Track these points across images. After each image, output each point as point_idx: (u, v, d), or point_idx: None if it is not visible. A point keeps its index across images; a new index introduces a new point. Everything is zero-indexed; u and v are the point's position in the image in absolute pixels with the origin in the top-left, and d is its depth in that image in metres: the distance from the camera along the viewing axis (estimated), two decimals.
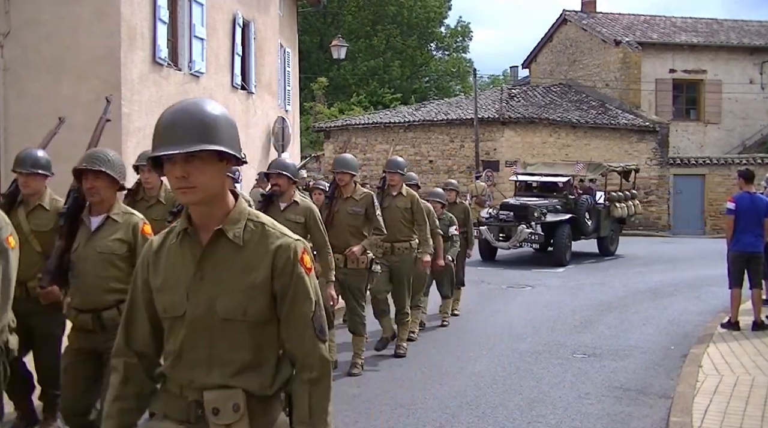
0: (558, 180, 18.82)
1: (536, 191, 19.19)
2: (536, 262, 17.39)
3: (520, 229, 16.67)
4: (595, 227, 18.16)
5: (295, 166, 7.28)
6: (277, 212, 6.45)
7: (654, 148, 29.13)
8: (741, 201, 9.46)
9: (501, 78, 53.88)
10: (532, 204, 17.31)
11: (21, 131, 10.19)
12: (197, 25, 12.18)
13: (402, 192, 8.27)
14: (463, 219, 10.49)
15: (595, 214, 18.12)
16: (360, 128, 31.00)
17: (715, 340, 8.92)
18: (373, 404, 6.63)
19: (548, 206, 17.44)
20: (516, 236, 16.82)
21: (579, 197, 18.15)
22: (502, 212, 17.52)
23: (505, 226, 17.21)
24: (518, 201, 17.82)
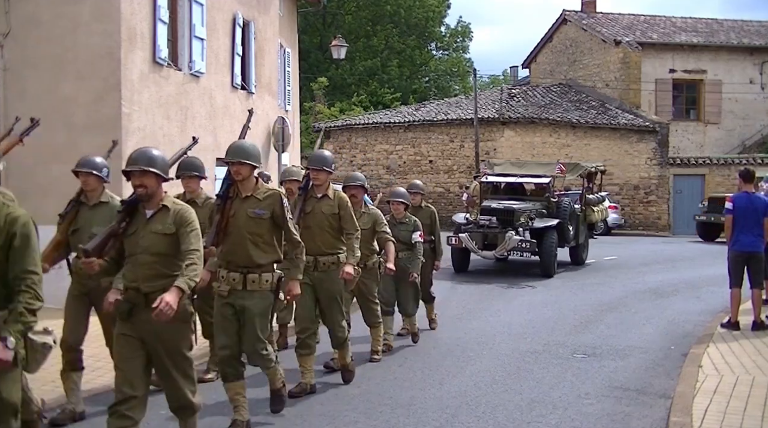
0: (539, 181, 16.95)
1: (513, 194, 17.16)
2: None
3: (508, 236, 14.68)
4: (575, 233, 16.51)
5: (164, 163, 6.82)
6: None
7: (654, 148, 29.13)
8: (738, 201, 9.46)
9: (501, 78, 53.90)
10: (518, 208, 15.48)
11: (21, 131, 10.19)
12: (197, 25, 12.17)
13: (328, 194, 6.86)
14: (429, 226, 9.32)
15: (574, 219, 16.46)
16: (360, 128, 31.01)
17: (715, 340, 8.92)
18: (373, 404, 6.63)
19: (532, 210, 15.64)
20: (503, 244, 14.76)
21: (561, 200, 16.44)
22: (483, 217, 15.45)
23: (490, 233, 15.09)
24: (501, 204, 15.73)
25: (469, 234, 15.11)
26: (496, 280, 14.74)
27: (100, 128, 10.06)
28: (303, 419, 6.20)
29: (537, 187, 17.16)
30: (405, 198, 8.84)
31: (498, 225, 15.11)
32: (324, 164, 6.82)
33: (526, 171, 17.41)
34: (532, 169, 17.67)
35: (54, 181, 10.08)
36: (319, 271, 6.80)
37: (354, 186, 7.79)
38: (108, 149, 6.68)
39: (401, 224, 8.71)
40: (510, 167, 18.09)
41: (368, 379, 7.46)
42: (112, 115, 10.06)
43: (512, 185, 17.31)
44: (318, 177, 6.80)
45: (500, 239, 14.85)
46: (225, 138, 13.51)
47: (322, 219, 6.79)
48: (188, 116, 12.02)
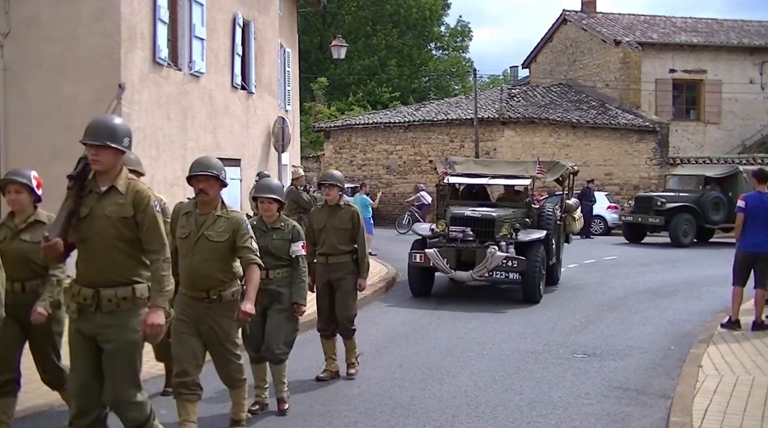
0: (518, 183, 13.89)
1: (474, 199, 14.01)
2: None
3: (490, 252, 11.67)
4: (557, 247, 13.82)
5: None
6: None
7: (654, 148, 29.14)
8: (750, 200, 9.37)
9: (501, 78, 53.94)
10: (499, 216, 12.35)
11: (21, 131, 10.20)
12: (197, 25, 12.17)
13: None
14: (350, 231, 7.33)
15: (555, 230, 13.63)
16: (360, 128, 31.02)
17: (715, 340, 8.92)
18: (373, 404, 6.63)
19: (514, 219, 12.72)
20: (485, 262, 11.69)
21: (544, 207, 13.73)
22: (454, 228, 12.30)
23: (466, 248, 12.02)
24: (478, 212, 12.49)
25: (438, 250, 12.01)
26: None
27: None
28: (303, 419, 6.20)
29: (511, 191, 14.32)
30: (275, 193, 6.34)
31: (475, 238, 12.17)
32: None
33: (492, 171, 14.26)
34: (501, 168, 14.56)
35: (54, 181, 10.06)
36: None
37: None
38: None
39: (274, 231, 6.35)
40: (474, 166, 14.77)
41: (368, 379, 7.46)
42: (111, 115, 10.05)
43: (473, 188, 14.35)
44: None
45: (479, 256, 11.80)
46: (225, 138, 13.52)
47: None
48: (188, 116, 12.02)
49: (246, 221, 5.41)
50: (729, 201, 21.48)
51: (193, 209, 5.37)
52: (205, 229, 5.25)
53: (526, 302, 11.98)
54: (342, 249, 7.36)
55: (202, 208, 5.34)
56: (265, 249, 6.07)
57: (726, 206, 21.53)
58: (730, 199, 21.54)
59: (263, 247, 6.02)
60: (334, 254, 7.37)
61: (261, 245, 5.87)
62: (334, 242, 7.35)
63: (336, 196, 7.40)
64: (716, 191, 21.93)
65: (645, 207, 22.19)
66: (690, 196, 22.04)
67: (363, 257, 7.43)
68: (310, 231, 7.39)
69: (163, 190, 11.13)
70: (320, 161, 33.13)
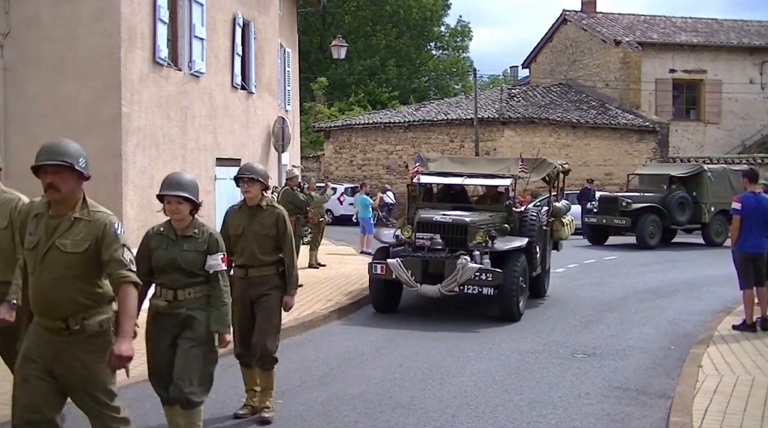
0: (497, 183, 12.28)
1: (451, 201, 12.39)
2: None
3: (461, 264, 10.26)
4: (542, 256, 12.24)
5: None
6: None
7: (654, 148, 29.16)
8: (746, 201, 9.35)
9: (501, 78, 53.95)
10: (472, 222, 10.92)
11: (21, 131, 10.19)
12: (197, 25, 12.17)
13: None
14: (274, 238, 6.14)
15: (541, 237, 12.19)
16: (360, 128, 31.03)
17: (715, 340, 8.92)
18: (373, 404, 6.63)
19: (491, 224, 11.26)
20: (455, 274, 10.29)
21: (527, 211, 12.10)
22: (422, 235, 10.82)
23: (433, 259, 10.60)
24: (448, 217, 10.99)
25: (401, 261, 10.56)
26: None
27: (100, 128, 10.06)
28: (303, 419, 6.20)
29: (491, 192, 12.75)
30: (186, 190, 5.12)
31: (444, 247, 10.72)
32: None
33: (470, 169, 12.53)
34: (480, 166, 12.88)
35: None
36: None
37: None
38: None
39: (185, 240, 5.10)
40: (449, 164, 12.91)
41: (368, 379, 7.46)
42: (112, 115, 10.05)
43: (451, 189, 12.76)
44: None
45: (449, 267, 10.38)
46: (225, 138, 13.52)
47: None
48: (188, 116, 12.02)
49: (115, 223, 4.10)
50: (694, 201, 21.32)
51: (44, 211, 4.10)
52: (57, 237, 4.00)
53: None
54: (264, 260, 6.13)
55: (54, 209, 4.07)
56: (173, 263, 5.01)
57: (691, 206, 21.29)
58: (695, 199, 21.38)
59: (171, 260, 5.01)
60: (254, 265, 6.13)
61: (169, 257, 5.01)
62: (254, 251, 6.09)
63: (257, 194, 6.18)
64: (681, 191, 21.52)
65: (609, 208, 21.42)
66: (655, 196, 21.56)
67: (291, 269, 6.17)
68: (226, 237, 5.90)
69: None
70: (320, 161, 33.14)
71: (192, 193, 5.17)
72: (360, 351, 7.52)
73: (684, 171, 22.41)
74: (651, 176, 23.29)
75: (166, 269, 5.06)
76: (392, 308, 11.30)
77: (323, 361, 7.73)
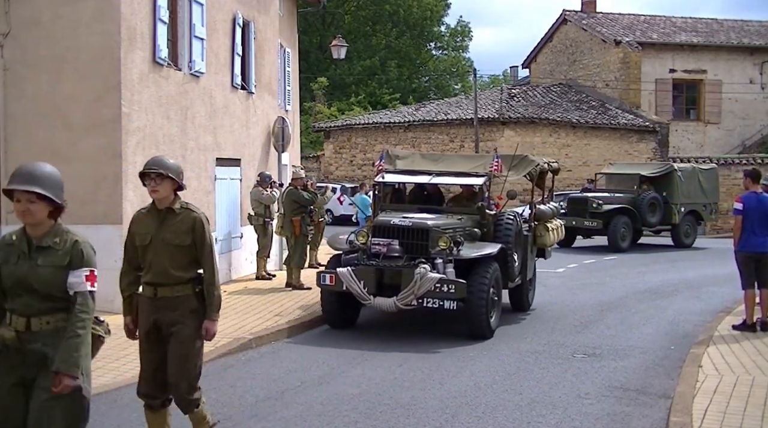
0: (468, 182, 10.99)
1: (425, 203, 11.17)
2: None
3: (419, 273, 9.05)
4: (521, 265, 10.84)
5: None
6: None
7: (654, 148, 29.16)
8: (748, 201, 9.34)
9: (501, 78, 53.97)
10: (435, 225, 9.68)
11: (21, 131, 10.20)
12: (197, 25, 12.16)
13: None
14: (188, 250, 4.96)
15: (521, 244, 10.82)
16: (360, 128, 31.04)
17: (715, 340, 8.92)
18: (373, 404, 6.63)
19: (458, 228, 10.03)
20: (412, 285, 9.06)
21: (503, 214, 10.72)
22: (377, 240, 9.59)
23: (389, 267, 9.39)
24: (407, 220, 9.78)
25: (352, 270, 9.37)
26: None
27: (100, 128, 10.06)
28: (303, 419, 6.20)
29: (467, 193, 11.33)
30: (41, 185, 3.82)
31: (402, 254, 9.47)
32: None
33: (442, 167, 11.22)
34: (453, 164, 11.44)
35: None
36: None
37: None
38: None
39: (40, 252, 3.89)
40: (421, 162, 11.59)
41: (368, 379, 7.46)
42: (112, 115, 10.05)
43: (424, 190, 11.58)
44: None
45: (406, 277, 9.18)
46: (225, 138, 13.51)
47: None
48: (188, 116, 12.02)
49: None
50: (664, 201, 20.73)
51: None
52: None
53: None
54: (178, 276, 4.93)
55: None
56: (23, 282, 3.82)
57: (662, 206, 20.64)
58: (665, 199, 20.77)
59: (21, 279, 3.82)
60: (165, 283, 4.93)
61: (18, 275, 3.83)
62: (165, 266, 4.90)
63: (167, 194, 4.94)
64: (651, 191, 20.76)
65: (579, 210, 20.22)
66: (625, 197, 20.74)
67: (211, 287, 4.94)
68: (131, 247, 5.05)
69: None
70: (320, 161, 33.15)
71: (50, 188, 3.82)
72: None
73: (654, 171, 21.68)
74: (619, 175, 22.40)
75: (16, 291, 3.83)
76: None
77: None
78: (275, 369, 7.86)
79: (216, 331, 5.06)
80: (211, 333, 5.01)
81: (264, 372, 7.70)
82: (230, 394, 6.86)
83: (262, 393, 6.94)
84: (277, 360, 8.26)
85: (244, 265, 14.31)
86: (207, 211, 12.55)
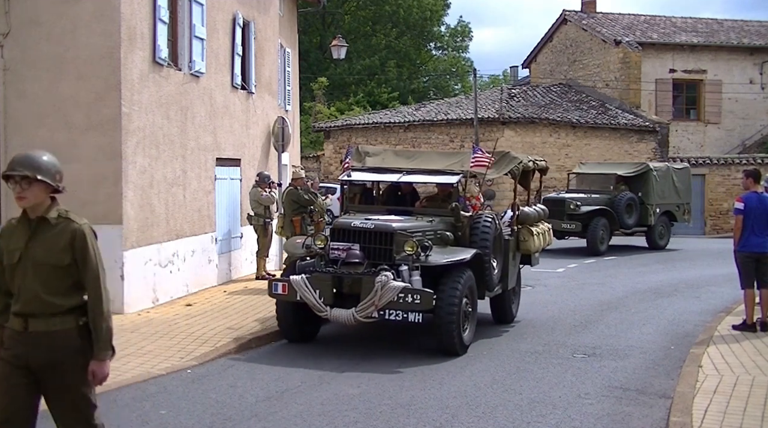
0: (442, 180, 10.00)
1: (399, 204, 10.31)
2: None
3: (380, 281, 8.13)
4: (501, 273, 9.95)
5: None
6: None
7: (654, 148, 29.14)
8: (749, 201, 9.34)
9: (501, 78, 53.97)
10: (401, 228, 8.74)
11: (21, 131, 10.20)
12: (197, 25, 12.17)
13: None
14: (67, 271, 3.96)
15: (500, 249, 9.91)
16: (360, 128, 31.03)
17: (715, 340, 8.92)
18: (373, 404, 6.63)
19: (427, 231, 9.12)
20: (372, 295, 8.16)
21: (480, 216, 9.70)
22: (337, 245, 8.73)
23: (347, 275, 8.48)
24: (370, 222, 8.81)
25: (307, 278, 8.47)
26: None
27: (100, 128, 10.07)
28: (303, 419, 6.20)
29: (443, 192, 10.32)
30: None
31: (363, 260, 8.55)
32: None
33: (418, 165, 10.25)
34: (428, 161, 10.42)
35: None
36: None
37: None
38: None
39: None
40: (393, 159, 10.62)
41: (368, 379, 7.46)
42: (112, 115, 10.05)
43: (399, 188, 10.71)
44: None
45: (366, 286, 8.27)
46: (225, 138, 13.52)
47: None
48: (188, 116, 12.02)
49: None
50: (640, 202, 20.13)
51: None
52: None
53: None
54: (55, 305, 3.92)
55: None
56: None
57: (638, 207, 20.03)
58: (641, 200, 20.16)
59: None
60: (38, 314, 3.91)
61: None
62: (36, 291, 3.90)
63: (39, 201, 3.95)
64: (627, 192, 20.06)
65: (557, 212, 18.40)
66: (602, 198, 20.05)
67: (99, 318, 3.93)
68: None
69: (162, 190, 11.14)
70: (320, 161, 33.13)
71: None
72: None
73: (630, 170, 20.91)
74: (595, 175, 21.54)
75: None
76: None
77: None
78: (275, 369, 7.86)
79: (107, 374, 3.98)
80: (99, 378, 3.94)
81: (264, 372, 7.70)
82: (230, 394, 6.86)
83: (262, 393, 6.94)
84: (277, 360, 8.26)
85: (244, 265, 14.32)
86: (207, 211, 12.61)
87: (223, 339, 8.81)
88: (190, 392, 6.90)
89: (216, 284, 12.89)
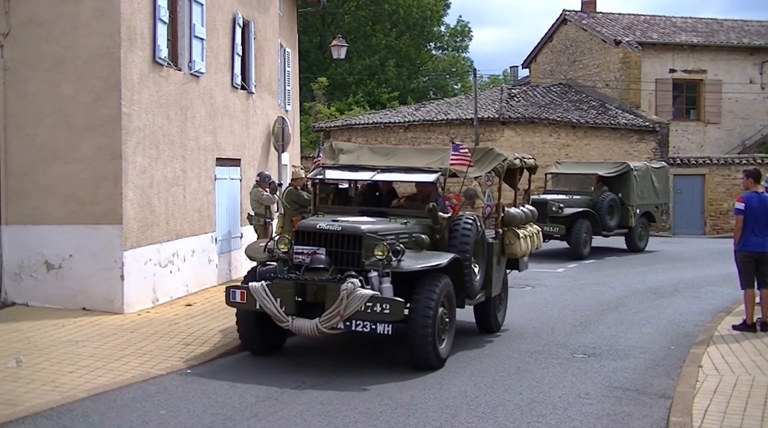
0: (419, 179, 9.19)
1: (375, 205, 9.49)
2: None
3: (346, 289, 7.50)
4: (484, 280, 9.34)
5: None
6: None
7: (654, 148, 29.13)
8: (750, 201, 9.34)
9: (501, 78, 53.96)
10: (370, 231, 8.09)
11: (21, 131, 10.21)
12: (197, 25, 12.17)
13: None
14: None
15: (483, 253, 9.31)
16: (360, 128, 31.03)
17: (715, 340, 8.93)
18: (373, 404, 6.63)
19: (401, 234, 8.45)
20: (337, 304, 7.53)
21: (460, 217, 9.05)
22: (301, 248, 8.03)
23: (311, 282, 7.85)
24: (337, 224, 8.09)
25: (267, 285, 7.83)
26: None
27: (100, 128, 10.07)
28: (303, 419, 6.20)
29: (423, 192, 9.48)
30: None
31: (329, 265, 7.90)
32: None
33: (395, 162, 9.53)
34: (406, 158, 9.67)
35: (54, 181, 10.08)
36: None
37: None
38: None
39: None
40: (369, 156, 9.87)
41: (368, 379, 7.46)
42: (112, 115, 10.06)
43: (377, 188, 9.84)
44: None
45: (331, 294, 7.63)
46: (225, 138, 13.52)
47: None
48: (188, 115, 12.02)
49: None
50: (621, 203, 19.65)
51: None
52: None
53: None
54: None
55: None
56: None
57: (620, 209, 19.51)
58: (621, 201, 19.69)
59: None
60: None
61: None
62: None
63: None
64: (608, 193, 19.50)
65: (539, 214, 17.78)
66: (585, 199, 19.43)
67: None
68: None
69: (162, 190, 11.14)
70: None
71: None
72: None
73: (611, 170, 20.25)
74: (571, 175, 20.88)
75: None
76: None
77: None
78: (276, 368, 7.85)
79: None
80: None
81: (264, 372, 7.70)
82: (230, 394, 6.86)
83: (262, 393, 6.94)
84: (278, 360, 8.26)
85: (244, 265, 14.32)
86: (207, 211, 12.62)
87: (223, 339, 8.81)
88: (190, 392, 6.90)
89: (216, 284, 12.90)
